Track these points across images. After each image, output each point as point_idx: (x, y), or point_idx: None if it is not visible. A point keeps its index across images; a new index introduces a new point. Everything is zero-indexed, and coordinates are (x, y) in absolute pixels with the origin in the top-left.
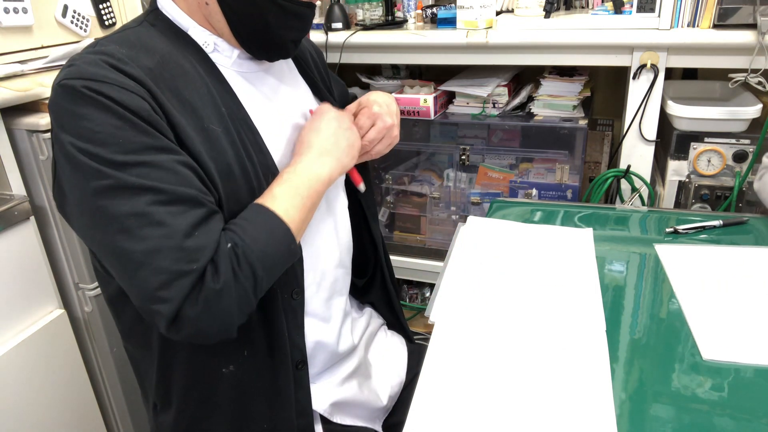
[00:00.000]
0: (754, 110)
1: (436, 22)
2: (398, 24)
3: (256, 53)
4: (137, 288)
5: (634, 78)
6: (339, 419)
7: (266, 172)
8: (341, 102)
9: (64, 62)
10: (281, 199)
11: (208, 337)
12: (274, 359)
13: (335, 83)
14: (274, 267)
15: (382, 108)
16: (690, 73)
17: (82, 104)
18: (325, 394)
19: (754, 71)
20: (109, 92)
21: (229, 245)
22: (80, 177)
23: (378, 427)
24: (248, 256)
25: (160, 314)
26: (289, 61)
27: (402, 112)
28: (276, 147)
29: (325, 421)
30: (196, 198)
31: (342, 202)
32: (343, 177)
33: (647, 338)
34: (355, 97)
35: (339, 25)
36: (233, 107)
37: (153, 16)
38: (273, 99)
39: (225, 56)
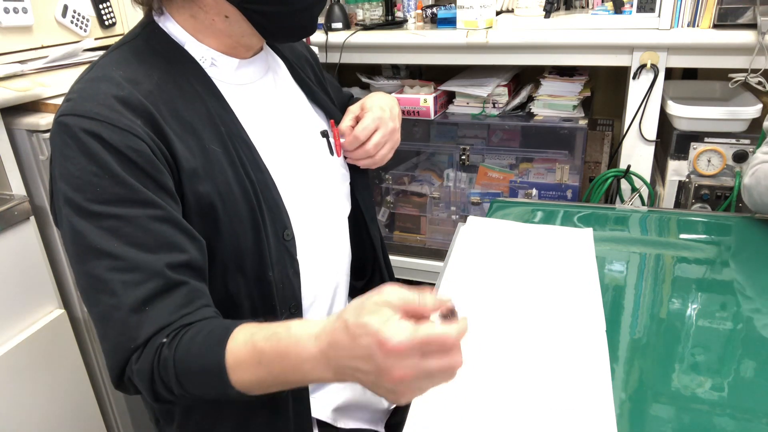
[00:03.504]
0: (754, 110)
1: (436, 22)
2: (398, 24)
3: (284, 39)
4: (99, 340)
5: (634, 78)
6: (342, 424)
7: (264, 189)
8: (338, 102)
9: (64, 62)
10: (248, 350)
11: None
12: None
13: (330, 84)
14: (196, 389)
15: (385, 112)
16: (690, 73)
17: (69, 145)
18: (326, 400)
19: (754, 71)
20: (100, 132)
21: (164, 340)
22: (62, 219)
23: (380, 428)
24: (169, 365)
25: (108, 371)
26: (283, 65)
27: (402, 112)
28: (273, 161)
29: (324, 428)
30: (157, 269)
31: (344, 211)
32: (348, 186)
33: (647, 338)
34: (352, 96)
35: (339, 25)
36: (231, 125)
37: (149, 29)
38: (272, 109)
39: (222, 70)
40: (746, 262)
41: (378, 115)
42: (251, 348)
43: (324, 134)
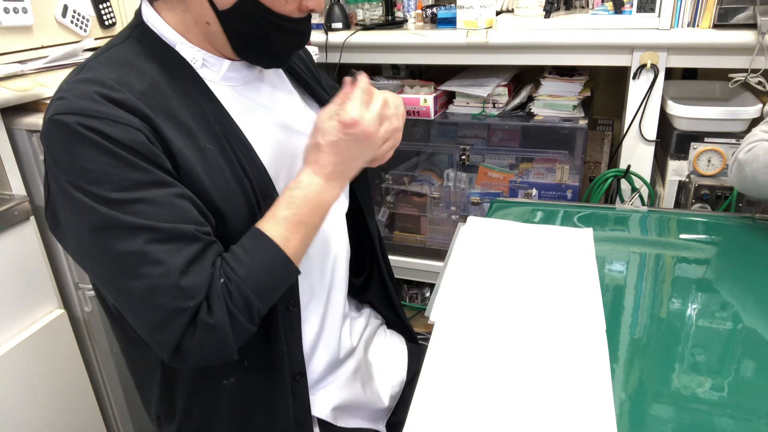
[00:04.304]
0: (754, 110)
1: (436, 22)
2: (398, 24)
3: (255, 63)
4: (138, 322)
5: (634, 78)
6: (342, 423)
7: (262, 186)
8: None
9: (64, 62)
10: (284, 225)
11: (210, 364)
12: (272, 371)
13: (326, 81)
14: (272, 294)
15: (390, 110)
16: (690, 73)
17: (74, 141)
18: (326, 399)
19: (754, 71)
20: (102, 128)
21: (222, 281)
22: (76, 212)
23: (381, 427)
24: (242, 290)
25: (162, 347)
26: None
27: None
28: (270, 158)
29: (324, 427)
30: (191, 233)
31: (342, 208)
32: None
33: (647, 338)
34: None
35: (339, 25)
36: (225, 124)
37: (139, 30)
38: (264, 107)
39: (213, 71)
40: (746, 262)
41: (383, 101)
42: (283, 221)
43: None
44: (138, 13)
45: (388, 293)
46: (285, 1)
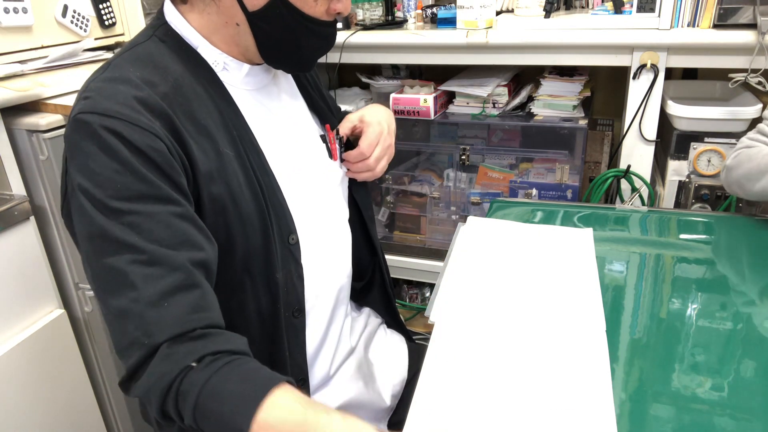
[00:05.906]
0: (754, 110)
1: (436, 22)
2: (398, 24)
3: (279, 66)
4: (111, 338)
5: (634, 78)
6: None
7: (271, 194)
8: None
9: (64, 62)
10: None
11: (152, 411)
12: None
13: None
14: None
15: (383, 127)
16: (690, 73)
17: (90, 142)
18: (328, 399)
19: (754, 71)
20: (121, 130)
21: (193, 364)
22: (78, 214)
23: (383, 427)
24: (187, 398)
25: (125, 371)
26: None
27: (402, 112)
28: (278, 166)
29: None
30: (178, 262)
31: (345, 215)
32: (347, 190)
33: (647, 338)
34: (346, 112)
35: (339, 25)
36: (241, 129)
37: (162, 30)
38: (277, 113)
39: (233, 74)
40: (746, 262)
41: (378, 130)
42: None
43: (324, 139)
44: (160, 13)
45: (388, 299)
46: (315, 3)
